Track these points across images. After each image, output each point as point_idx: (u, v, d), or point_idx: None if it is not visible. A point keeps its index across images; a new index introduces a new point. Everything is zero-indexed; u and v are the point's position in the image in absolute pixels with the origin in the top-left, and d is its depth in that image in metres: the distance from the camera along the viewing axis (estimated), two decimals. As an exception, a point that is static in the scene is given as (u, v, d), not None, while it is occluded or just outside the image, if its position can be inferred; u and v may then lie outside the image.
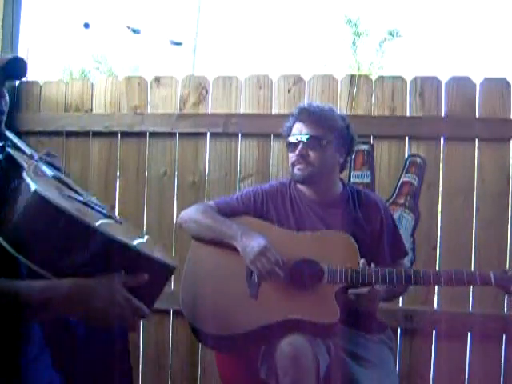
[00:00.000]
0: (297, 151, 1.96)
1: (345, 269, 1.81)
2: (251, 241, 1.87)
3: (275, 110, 2.65)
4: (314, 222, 1.98)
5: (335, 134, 1.98)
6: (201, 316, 1.92)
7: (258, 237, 1.88)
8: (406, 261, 2.27)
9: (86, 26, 14.59)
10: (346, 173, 2.57)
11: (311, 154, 1.95)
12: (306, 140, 1.95)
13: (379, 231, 1.99)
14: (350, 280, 1.79)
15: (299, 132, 1.98)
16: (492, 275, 1.75)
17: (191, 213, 2.08)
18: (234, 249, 1.92)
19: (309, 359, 1.69)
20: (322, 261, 1.85)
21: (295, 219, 2.00)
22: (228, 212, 2.05)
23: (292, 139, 1.99)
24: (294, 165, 1.98)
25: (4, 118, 1.47)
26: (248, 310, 1.86)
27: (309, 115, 1.98)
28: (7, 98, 1.50)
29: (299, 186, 2.05)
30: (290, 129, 2.03)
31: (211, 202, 2.13)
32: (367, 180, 2.58)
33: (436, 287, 2.47)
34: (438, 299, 2.52)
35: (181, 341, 2.69)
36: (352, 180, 2.59)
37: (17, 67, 1.54)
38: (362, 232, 1.96)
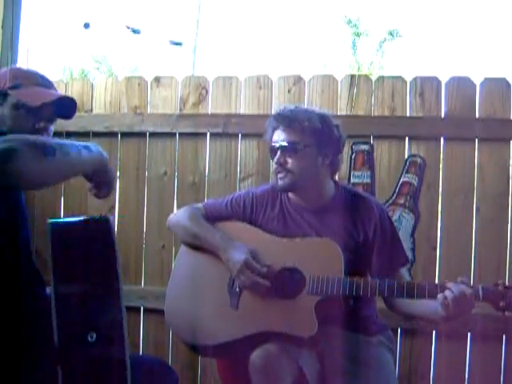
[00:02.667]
0: (275, 159, 1.91)
1: (326, 278, 1.75)
2: (235, 252, 1.87)
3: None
4: (304, 228, 1.93)
5: (314, 137, 1.89)
6: (184, 326, 1.94)
7: (242, 248, 1.87)
8: (405, 272, 2.18)
9: (86, 26, 14.59)
10: (345, 173, 2.58)
11: (289, 160, 1.89)
12: (282, 147, 1.90)
13: (373, 237, 1.91)
14: (331, 291, 1.74)
15: (277, 139, 1.92)
16: (480, 289, 1.61)
17: (179, 217, 2.10)
18: (219, 256, 1.92)
19: (283, 370, 1.66)
20: (305, 269, 1.81)
21: (284, 225, 1.96)
22: (216, 216, 2.05)
23: (271, 146, 1.95)
24: (275, 173, 1.94)
25: None
26: (227, 320, 1.86)
27: (283, 121, 1.92)
28: (51, 131, 1.59)
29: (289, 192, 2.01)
30: (270, 134, 1.97)
31: (200, 205, 2.14)
32: (367, 180, 2.58)
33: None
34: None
35: (181, 341, 2.69)
36: (352, 180, 2.59)
37: (66, 105, 1.59)
38: (354, 239, 1.90)
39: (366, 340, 1.87)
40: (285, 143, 1.89)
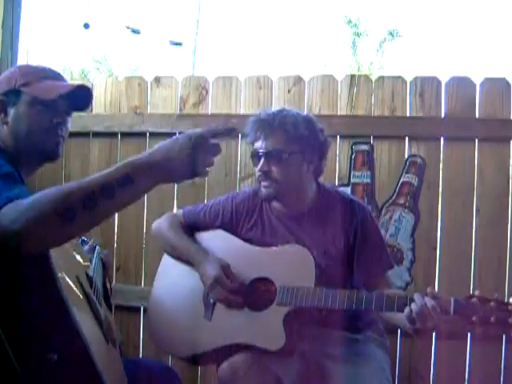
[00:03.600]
0: (258, 167, 1.84)
1: (296, 288, 1.72)
2: (207, 267, 1.87)
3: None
4: (284, 235, 1.90)
5: (299, 144, 1.82)
6: (162, 337, 1.97)
7: (215, 263, 1.86)
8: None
9: (86, 26, 14.61)
10: (346, 173, 2.58)
11: (274, 169, 1.82)
12: (266, 155, 1.82)
13: (354, 241, 1.86)
14: (300, 302, 1.70)
15: (260, 146, 1.85)
16: (452, 303, 1.51)
17: (160, 226, 2.11)
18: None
19: (253, 379, 1.66)
20: (277, 279, 1.79)
21: (264, 233, 1.94)
22: (194, 223, 2.06)
23: (254, 153, 1.88)
24: (259, 181, 1.88)
25: (63, 143, 1.48)
26: (201, 331, 1.87)
27: (267, 127, 1.84)
28: (69, 125, 1.52)
29: None
30: (254, 138, 1.89)
31: (179, 212, 2.14)
32: (367, 180, 2.58)
33: (436, 286, 2.47)
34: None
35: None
36: (352, 180, 2.59)
37: (81, 96, 1.52)
38: (335, 244, 1.86)
39: (353, 338, 1.85)
40: (269, 151, 1.83)
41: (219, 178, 2.70)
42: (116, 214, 2.81)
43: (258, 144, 1.86)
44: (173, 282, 2.04)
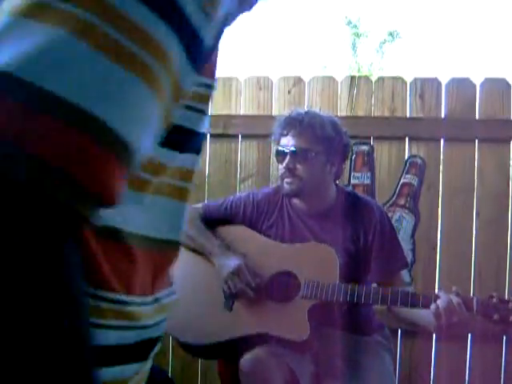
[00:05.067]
0: (284, 164, 1.89)
1: (321, 283, 1.76)
2: (227, 260, 1.88)
3: (275, 112, 2.65)
4: (304, 233, 1.93)
5: (325, 145, 1.88)
6: (178, 324, 1.93)
7: (234, 257, 1.88)
8: (405, 273, 2.19)
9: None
10: (345, 174, 2.58)
11: (299, 167, 1.87)
12: (293, 153, 1.88)
13: (372, 241, 1.90)
14: (326, 296, 1.74)
15: (287, 143, 1.90)
16: (475, 301, 1.62)
17: None
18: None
19: (272, 373, 1.67)
20: (300, 274, 1.82)
21: (284, 231, 1.96)
22: (214, 218, 2.05)
23: (279, 150, 1.93)
24: (282, 177, 1.92)
25: None
26: (221, 321, 1.88)
27: (296, 126, 1.89)
28: None
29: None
30: (278, 137, 1.95)
31: (199, 206, 2.12)
32: (367, 181, 2.59)
33: (436, 286, 2.47)
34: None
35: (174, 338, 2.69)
36: (352, 181, 2.59)
37: None
38: (354, 243, 1.90)
39: (364, 340, 1.87)
40: (296, 149, 1.87)
41: (219, 179, 2.71)
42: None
43: (285, 141, 1.91)
44: (190, 276, 2.02)
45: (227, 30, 0.58)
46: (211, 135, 2.72)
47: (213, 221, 2.05)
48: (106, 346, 0.54)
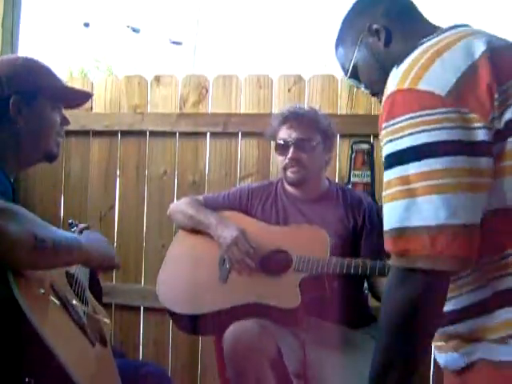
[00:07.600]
0: (289, 154, 2.00)
1: (312, 258, 1.85)
2: (225, 230, 2.00)
3: (275, 110, 2.65)
4: (297, 217, 2.05)
5: (321, 135, 2.04)
6: (172, 296, 2.05)
7: (233, 227, 1.99)
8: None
9: (86, 25, 14.59)
10: (346, 172, 2.58)
11: (303, 156, 2.00)
12: (296, 143, 2.00)
13: (362, 226, 2.01)
14: (316, 269, 1.83)
15: (288, 136, 2.02)
16: None
17: (179, 204, 2.23)
18: (212, 237, 2.04)
19: (257, 345, 1.72)
20: (292, 251, 1.92)
21: (278, 215, 2.08)
22: (214, 206, 2.16)
23: (282, 143, 2.04)
24: (286, 168, 2.04)
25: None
26: (215, 292, 1.96)
27: (296, 119, 2.03)
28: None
29: (287, 185, 2.11)
30: (276, 131, 2.07)
31: (200, 197, 2.26)
32: (367, 179, 2.58)
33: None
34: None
35: (181, 341, 2.69)
36: (352, 179, 2.59)
37: (79, 97, 1.53)
38: (344, 228, 2.00)
39: (351, 333, 1.90)
40: (299, 140, 2.00)
41: (219, 178, 2.70)
42: (116, 213, 2.82)
43: (286, 134, 2.03)
44: (187, 253, 2.13)
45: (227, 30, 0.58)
46: (211, 133, 2.72)
47: (212, 209, 2.17)
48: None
